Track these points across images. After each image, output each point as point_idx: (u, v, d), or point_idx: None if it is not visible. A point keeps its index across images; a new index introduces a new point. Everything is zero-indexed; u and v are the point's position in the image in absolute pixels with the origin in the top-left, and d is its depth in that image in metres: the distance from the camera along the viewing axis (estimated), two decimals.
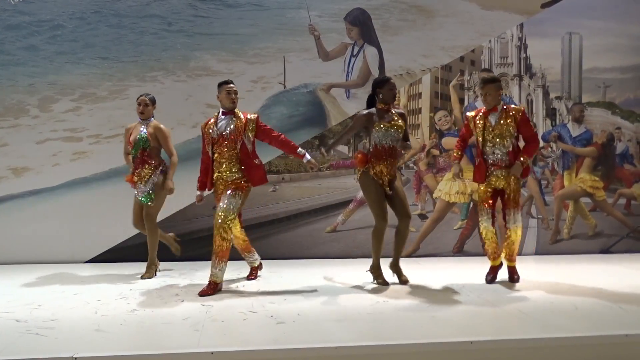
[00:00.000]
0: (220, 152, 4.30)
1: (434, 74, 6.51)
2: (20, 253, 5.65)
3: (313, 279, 4.85)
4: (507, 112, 4.53)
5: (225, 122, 4.31)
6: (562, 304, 3.92)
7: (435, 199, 6.44)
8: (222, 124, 4.31)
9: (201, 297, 4.08)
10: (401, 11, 6.46)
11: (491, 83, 4.52)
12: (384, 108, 4.50)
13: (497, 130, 4.50)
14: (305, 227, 6.24)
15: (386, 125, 4.44)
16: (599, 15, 6.75)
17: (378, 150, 4.44)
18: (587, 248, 6.64)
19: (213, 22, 6.20)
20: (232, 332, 3.23)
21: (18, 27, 5.93)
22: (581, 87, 6.81)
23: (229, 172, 4.28)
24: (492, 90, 4.49)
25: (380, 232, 4.47)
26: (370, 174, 4.46)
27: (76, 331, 3.26)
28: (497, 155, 4.53)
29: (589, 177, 6.68)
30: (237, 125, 4.28)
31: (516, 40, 6.66)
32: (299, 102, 6.25)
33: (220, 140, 4.29)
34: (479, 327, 3.36)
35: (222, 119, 4.33)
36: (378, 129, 4.43)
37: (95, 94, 5.99)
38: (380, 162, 4.44)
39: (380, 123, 4.44)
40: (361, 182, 4.54)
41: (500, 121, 4.50)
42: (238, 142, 4.27)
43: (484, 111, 4.59)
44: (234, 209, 4.21)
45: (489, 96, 4.50)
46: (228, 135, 4.28)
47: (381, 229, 4.46)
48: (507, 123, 4.50)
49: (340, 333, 3.20)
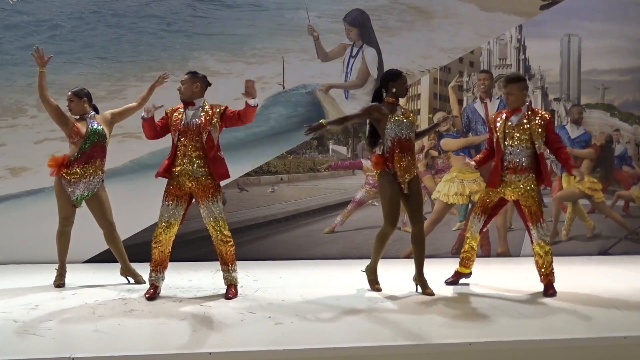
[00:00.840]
0: (185, 143, 4.06)
1: (432, 75, 6.51)
2: (18, 253, 5.63)
3: (311, 280, 4.85)
4: (532, 115, 4.26)
5: (192, 112, 4.10)
6: (560, 306, 3.92)
7: (433, 200, 6.44)
8: (189, 114, 4.09)
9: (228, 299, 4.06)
10: (400, 12, 6.46)
11: (514, 82, 4.24)
12: (394, 102, 4.28)
13: (519, 132, 4.23)
14: (304, 227, 6.24)
15: (400, 117, 4.22)
16: (598, 17, 6.76)
17: (395, 144, 4.18)
18: (586, 250, 6.65)
19: (212, 23, 6.19)
20: (230, 333, 3.23)
21: (16, 27, 5.91)
22: (580, 88, 6.81)
23: (194, 166, 4.03)
24: (515, 89, 4.22)
25: (386, 236, 4.29)
26: (389, 173, 4.22)
27: (74, 331, 3.25)
28: (514, 158, 4.25)
29: (587, 178, 6.68)
30: (204, 116, 4.06)
31: (515, 41, 6.67)
32: (298, 102, 6.25)
33: (185, 131, 4.06)
34: (478, 328, 3.36)
35: (190, 109, 4.11)
36: (393, 121, 4.20)
37: (93, 94, 5.84)
38: (401, 157, 4.17)
39: (395, 115, 4.22)
40: (379, 182, 4.32)
41: (523, 122, 4.23)
42: (204, 133, 4.04)
43: (507, 112, 4.33)
44: (223, 213, 4.11)
45: (512, 96, 4.24)
46: (193, 126, 4.05)
47: (387, 233, 4.27)
48: (532, 126, 4.21)
49: (339, 334, 3.19)
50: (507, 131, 4.27)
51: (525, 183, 4.26)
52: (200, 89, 4.13)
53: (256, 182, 6.24)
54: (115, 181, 5.40)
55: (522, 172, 4.25)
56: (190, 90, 4.11)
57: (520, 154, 4.24)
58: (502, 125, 4.29)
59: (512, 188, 4.29)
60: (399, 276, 4.82)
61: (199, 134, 4.05)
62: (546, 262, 4.30)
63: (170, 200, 4.08)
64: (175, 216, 4.08)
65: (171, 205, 4.07)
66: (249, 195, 6.19)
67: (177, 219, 4.10)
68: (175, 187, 4.08)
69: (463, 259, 4.58)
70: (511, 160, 4.27)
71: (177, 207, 4.08)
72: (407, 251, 6.27)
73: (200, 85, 4.14)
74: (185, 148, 4.05)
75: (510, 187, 4.30)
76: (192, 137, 4.05)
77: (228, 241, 4.12)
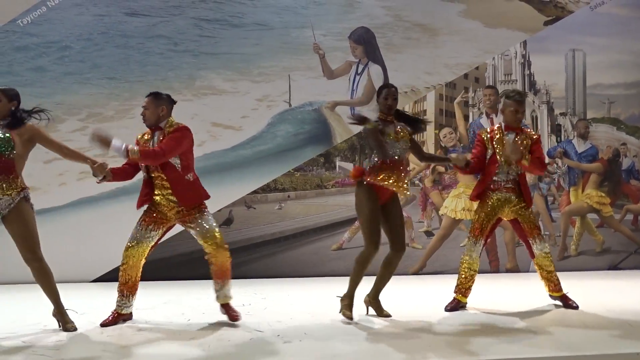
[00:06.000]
0: (158, 172, 3.76)
1: (438, 92, 6.54)
2: (26, 273, 5.63)
3: (320, 297, 4.82)
4: (524, 133, 4.31)
5: (157, 137, 3.82)
6: (571, 322, 3.88)
7: (441, 216, 6.42)
8: (155, 140, 3.82)
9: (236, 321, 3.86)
10: (405, 29, 6.51)
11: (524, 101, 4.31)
12: (385, 119, 4.02)
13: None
14: (311, 245, 6.22)
15: (392, 136, 3.98)
16: (602, 32, 6.78)
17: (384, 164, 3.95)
18: (595, 265, 6.59)
19: (218, 42, 6.26)
20: (238, 352, 3.21)
21: (27, 49, 6.00)
22: (586, 103, 6.82)
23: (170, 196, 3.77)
24: (524, 109, 4.33)
25: (366, 259, 3.92)
26: (367, 187, 3.94)
27: (82, 352, 3.24)
28: (509, 176, 4.24)
29: (595, 193, 6.65)
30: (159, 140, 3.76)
31: (520, 57, 6.70)
32: (304, 120, 6.28)
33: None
34: (487, 346, 3.33)
35: (157, 134, 3.83)
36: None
37: (102, 114, 6.03)
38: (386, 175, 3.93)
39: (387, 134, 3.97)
40: (356, 196, 4.02)
41: (516, 140, 4.24)
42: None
43: (506, 127, 4.30)
44: (216, 224, 3.87)
45: (521, 114, 4.28)
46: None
47: (368, 255, 3.91)
48: (524, 145, 4.24)
49: (348, 352, 3.17)
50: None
51: (520, 200, 4.28)
52: (167, 112, 3.82)
53: (263, 200, 6.24)
54: (124, 200, 5.43)
55: (509, 191, 4.25)
56: (155, 115, 3.80)
57: (513, 172, 4.25)
58: (499, 142, 4.25)
59: (509, 206, 4.27)
60: (409, 294, 4.78)
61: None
62: (550, 274, 4.33)
63: (146, 222, 3.83)
64: (146, 237, 3.82)
65: (145, 226, 3.82)
66: (256, 213, 6.19)
67: (148, 239, 3.82)
68: (157, 213, 3.83)
69: (461, 285, 4.30)
70: (504, 179, 4.24)
71: (152, 229, 3.83)
72: (415, 267, 6.25)
73: (166, 108, 3.83)
74: (160, 176, 3.77)
75: (508, 206, 4.27)
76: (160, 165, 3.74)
77: (226, 248, 3.83)
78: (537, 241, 4.29)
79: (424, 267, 6.30)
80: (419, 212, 6.44)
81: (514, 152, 4.15)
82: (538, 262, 4.34)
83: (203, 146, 5.97)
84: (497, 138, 4.29)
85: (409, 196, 4.24)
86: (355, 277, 4.02)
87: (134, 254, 3.82)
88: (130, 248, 3.83)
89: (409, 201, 6.45)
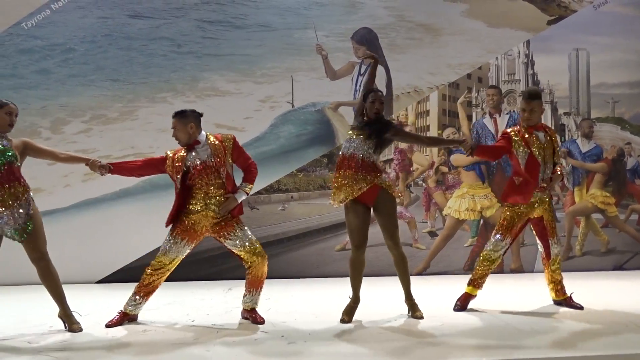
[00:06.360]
0: (206, 182, 3.84)
1: (441, 92, 6.53)
2: (32, 274, 5.65)
3: (324, 298, 4.82)
4: (549, 131, 4.27)
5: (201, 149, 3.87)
6: (576, 323, 3.87)
7: (445, 217, 6.41)
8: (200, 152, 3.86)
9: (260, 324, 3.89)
10: (408, 30, 6.52)
11: (537, 99, 4.17)
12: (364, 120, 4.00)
13: (549, 149, 4.19)
14: (315, 245, 6.23)
15: (352, 134, 3.96)
16: (606, 31, 6.77)
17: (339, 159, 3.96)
18: (600, 265, 6.57)
19: (221, 44, 6.27)
20: (243, 353, 3.21)
21: (31, 51, 6.03)
22: (590, 102, 6.80)
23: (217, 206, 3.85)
24: (537, 106, 4.15)
25: (353, 262, 3.96)
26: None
27: (87, 352, 3.26)
28: (545, 175, 4.18)
29: (600, 193, 6.63)
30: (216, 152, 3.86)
31: (523, 57, 6.68)
32: (307, 120, 6.29)
33: (202, 170, 3.83)
34: (492, 346, 3.32)
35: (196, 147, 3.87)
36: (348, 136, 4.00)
37: (105, 116, 6.06)
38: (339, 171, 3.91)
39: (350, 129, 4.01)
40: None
41: (548, 139, 4.19)
42: (222, 171, 3.86)
43: (528, 128, 4.19)
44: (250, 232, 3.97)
45: (534, 113, 4.15)
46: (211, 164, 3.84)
47: (353, 259, 3.96)
48: (551, 142, 4.20)
49: (353, 353, 3.17)
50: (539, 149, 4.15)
51: (548, 200, 4.29)
52: (195, 127, 3.87)
53: (267, 201, 6.25)
54: (129, 201, 5.44)
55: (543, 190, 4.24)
56: (186, 134, 3.85)
57: (548, 170, 4.21)
58: (533, 142, 4.16)
59: (538, 205, 4.23)
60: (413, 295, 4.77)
61: (217, 172, 3.84)
62: (561, 276, 4.36)
63: (180, 237, 3.88)
64: (181, 254, 3.92)
65: (180, 243, 3.88)
66: (259, 214, 6.20)
67: (181, 256, 3.94)
68: (190, 227, 3.86)
69: (477, 278, 4.27)
70: (542, 177, 4.18)
71: (186, 246, 3.91)
72: (419, 268, 6.24)
73: (195, 124, 3.86)
74: (207, 187, 3.83)
75: (541, 206, 4.24)
76: (212, 176, 3.83)
77: (266, 259, 3.92)
78: (555, 241, 4.30)
79: (427, 267, 6.29)
80: (423, 212, 6.43)
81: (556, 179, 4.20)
82: (553, 265, 4.32)
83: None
84: (527, 137, 4.16)
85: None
86: (352, 281, 4.03)
87: (167, 268, 3.91)
88: (166, 264, 3.89)
89: (412, 201, 6.46)
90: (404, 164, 6.43)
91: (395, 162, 6.42)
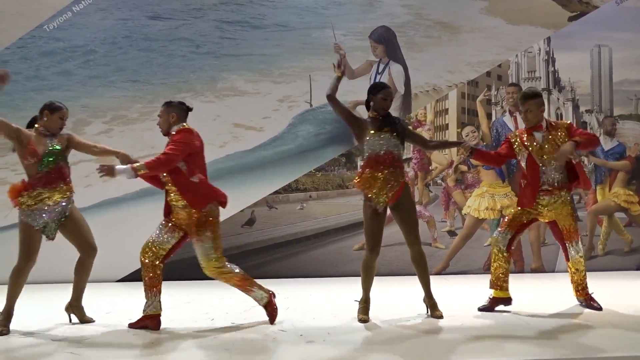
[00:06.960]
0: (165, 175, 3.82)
1: (460, 90, 6.48)
2: (54, 272, 5.74)
3: (342, 297, 4.82)
4: (554, 127, 4.15)
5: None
6: (599, 324, 3.81)
7: (464, 216, 6.36)
8: None
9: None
10: (426, 28, 6.47)
11: (532, 99, 4.11)
12: (376, 117, 3.98)
13: (548, 148, 4.09)
14: (333, 244, 6.23)
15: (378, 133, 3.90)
16: (628, 27, 6.64)
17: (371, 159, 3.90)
18: (623, 265, 6.46)
19: (239, 44, 6.30)
20: (261, 351, 3.23)
21: (53, 53, 6.13)
22: (612, 99, 6.68)
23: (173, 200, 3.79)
24: (533, 106, 4.10)
25: (366, 264, 3.95)
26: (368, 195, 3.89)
27: (109, 350, 3.30)
28: (548, 177, 4.10)
29: (623, 191, 6.52)
30: None
31: (544, 54, 6.60)
32: (326, 120, 6.28)
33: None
34: (512, 347, 3.29)
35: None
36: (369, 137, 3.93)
37: (126, 116, 6.12)
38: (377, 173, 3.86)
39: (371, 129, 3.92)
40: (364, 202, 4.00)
41: (549, 138, 4.11)
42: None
43: (527, 129, 4.18)
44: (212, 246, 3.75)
45: (530, 113, 4.11)
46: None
47: (366, 261, 3.94)
48: (557, 138, 4.08)
49: (371, 352, 3.17)
50: (535, 150, 4.11)
51: (563, 204, 4.14)
52: (177, 118, 3.81)
53: (285, 200, 6.27)
54: (149, 201, 5.50)
55: (558, 191, 4.12)
56: (167, 123, 3.84)
57: (553, 171, 4.12)
58: (530, 143, 4.14)
59: (549, 210, 4.16)
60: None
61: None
62: (582, 277, 4.25)
63: (166, 224, 3.81)
64: (164, 242, 3.77)
65: (164, 229, 3.79)
66: (278, 213, 6.22)
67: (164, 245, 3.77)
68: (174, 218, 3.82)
69: (496, 279, 4.19)
70: (546, 180, 4.12)
71: (169, 234, 3.79)
72: (438, 267, 6.20)
73: (177, 114, 3.82)
74: (168, 181, 3.80)
75: (547, 209, 4.16)
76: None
77: (227, 272, 3.78)
78: (573, 245, 4.18)
79: (447, 267, 6.25)
80: (442, 211, 6.39)
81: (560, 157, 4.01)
82: (571, 266, 4.24)
83: (225, 147, 6.04)
84: (526, 138, 4.17)
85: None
86: (363, 283, 4.02)
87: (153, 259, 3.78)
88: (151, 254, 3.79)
89: (431, 200, 6.42)
90: (423, 162, 6.39)
91: (414, 161, 6.39)
